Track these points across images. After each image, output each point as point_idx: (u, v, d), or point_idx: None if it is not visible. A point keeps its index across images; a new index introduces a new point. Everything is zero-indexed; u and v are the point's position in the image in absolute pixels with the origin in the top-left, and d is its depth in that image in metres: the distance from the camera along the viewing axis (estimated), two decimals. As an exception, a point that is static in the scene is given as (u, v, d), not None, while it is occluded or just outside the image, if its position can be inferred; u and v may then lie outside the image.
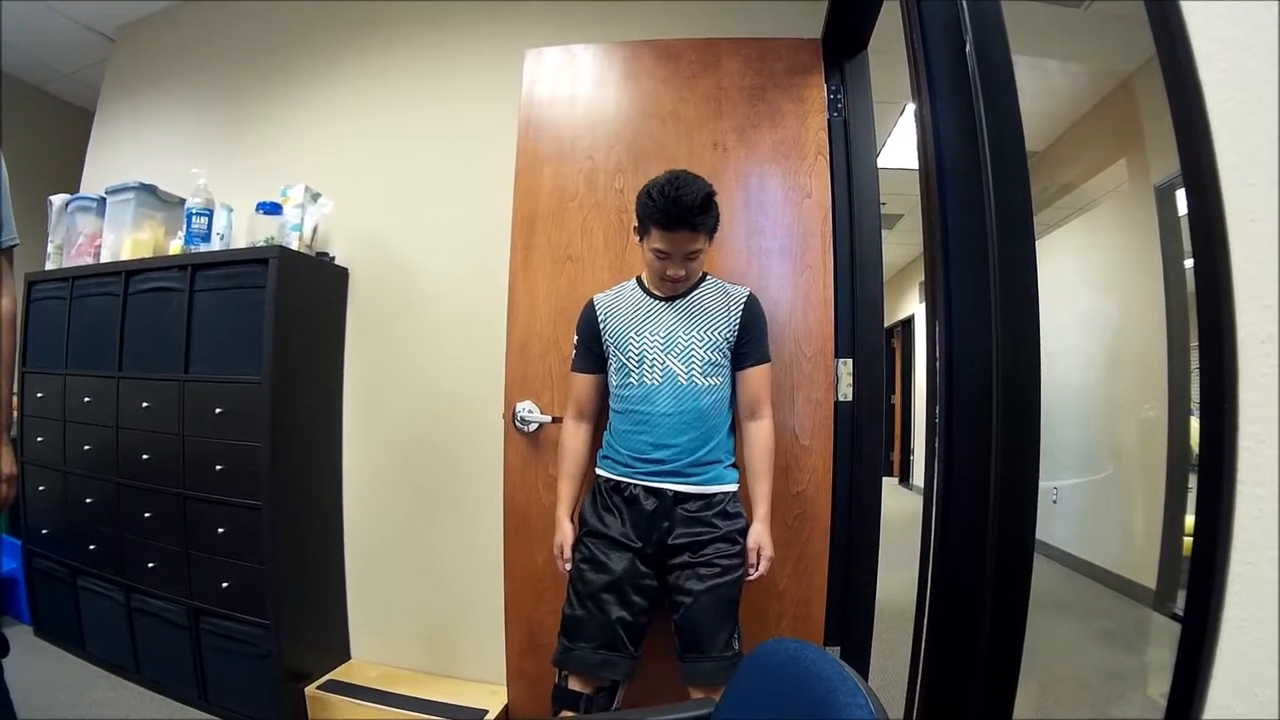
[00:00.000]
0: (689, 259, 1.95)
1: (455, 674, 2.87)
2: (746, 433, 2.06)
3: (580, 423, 2.16)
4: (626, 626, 1.93)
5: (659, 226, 1.90)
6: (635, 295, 2.11)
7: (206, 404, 2.75)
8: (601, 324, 2.10)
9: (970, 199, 1.23)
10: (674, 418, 1.97)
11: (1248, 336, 0.74)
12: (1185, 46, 0.81)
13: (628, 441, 2.02)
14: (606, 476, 2.05)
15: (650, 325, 2.04)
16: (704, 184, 1.90)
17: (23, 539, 3.44)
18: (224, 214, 2.97)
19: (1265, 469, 0.72)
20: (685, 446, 1.97)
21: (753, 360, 2.05)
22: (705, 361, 2.00)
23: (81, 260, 3.25)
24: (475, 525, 2.84)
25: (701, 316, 2.03)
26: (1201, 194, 0.79)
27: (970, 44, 1.25)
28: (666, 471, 1.96)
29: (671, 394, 1.98)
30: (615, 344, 2.07)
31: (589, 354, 2.13)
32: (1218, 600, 0.76)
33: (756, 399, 2.05)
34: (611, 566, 1.96)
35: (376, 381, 3.09)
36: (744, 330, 2.04)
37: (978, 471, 1.20)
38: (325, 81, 3.39)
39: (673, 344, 2.00)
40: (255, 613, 2.65)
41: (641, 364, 2.01)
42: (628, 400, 2.04)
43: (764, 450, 2.03)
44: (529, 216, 2.47)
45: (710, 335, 2.01)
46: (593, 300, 2.16)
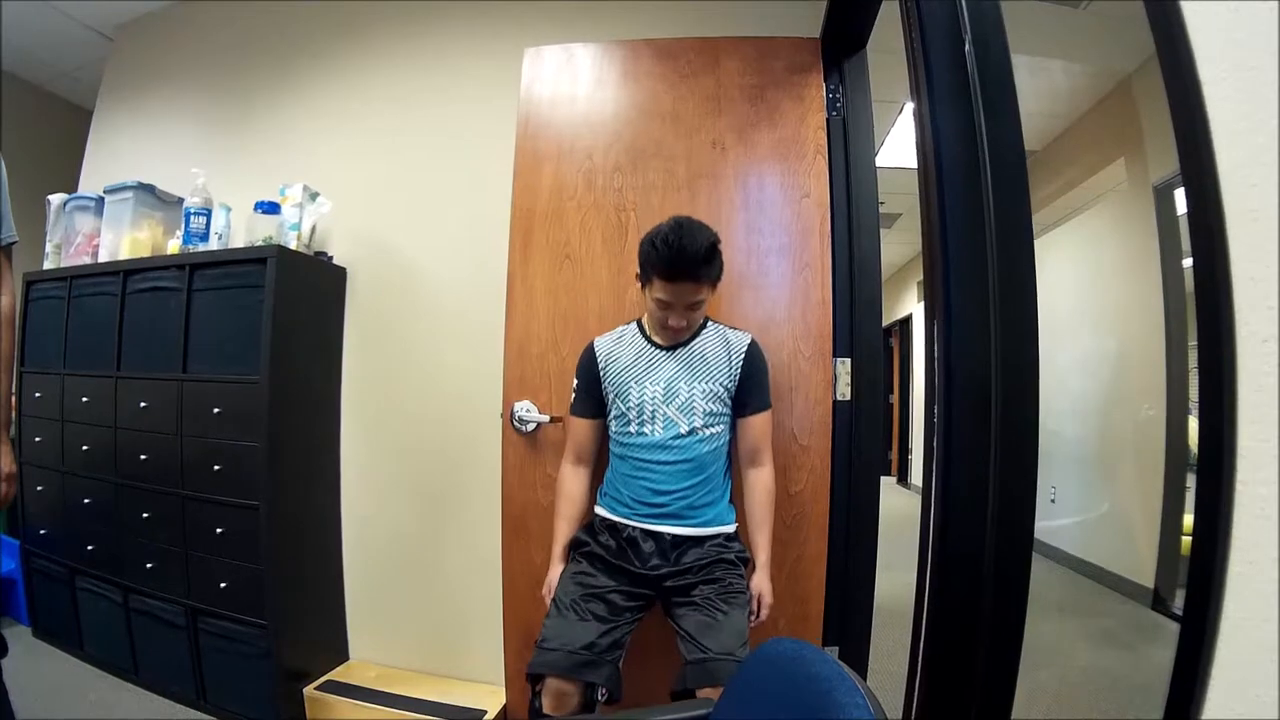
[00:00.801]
0: (691, 309, 1.94)
1: (454, 674, 2.86)
2: (747, 480, 2.05)
3: (579, 467, 2.14)
4: (608, 635, 1.86)
5: (661, 277, 1.87)
6: (636, 342, 2.09)
7: (205, 404, 2.74)
8: (602, 370, 2.09)
9: (969, 198, 1.23)
10: (674, 466, 1.97)
11: (1248, 335, 0.74)
12: (1185, 46, 0.81)
13: (628, 485, 2.01)
14: (605, 516, 2.04)
15: (651, 375, 2.03)
16: (708, 233, 1.88)
17: (21, 539, 3.44)
18: (222, 213, 2.97)
19: (1266, 468, 0.72)
20: (684, 492, 1.96)
21: (753, 408, 2.04)
22: (706, 412, 1.99)
23: (80, 260, 3.24)
24: (473, 525, 2.84)
25: (702, 367, 2.02)
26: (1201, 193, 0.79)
27: (969, 43, 1.25)
28: (665, 514, 1.96)
29: (672, 443, 1.97)
30: (616, 392, 2.06)
31: (589, 399, 2.12)
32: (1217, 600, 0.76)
33: (757, 447, 2.04)
34: (599, 580, 1.94)
35: (375, 381, 3.09)
36: (745, 379, 2.03)
37: (976, 471, 1.20)
38: (324, 80, 3.39)
39: (673, 394, 1.99)
40: (253, 613, 2.65)
41: (642, 413, 2.01)
42: (628, 447, 2.03)
43: (765, 498, 2.02)
44: (527, 215, 2.47)
45: (711, 386, 2.00)
46: (593, 344, 2.14)
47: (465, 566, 2.89)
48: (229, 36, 3.69)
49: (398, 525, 3.01)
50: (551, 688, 1.80)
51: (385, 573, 3.02)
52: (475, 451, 2.84)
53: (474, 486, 2.85)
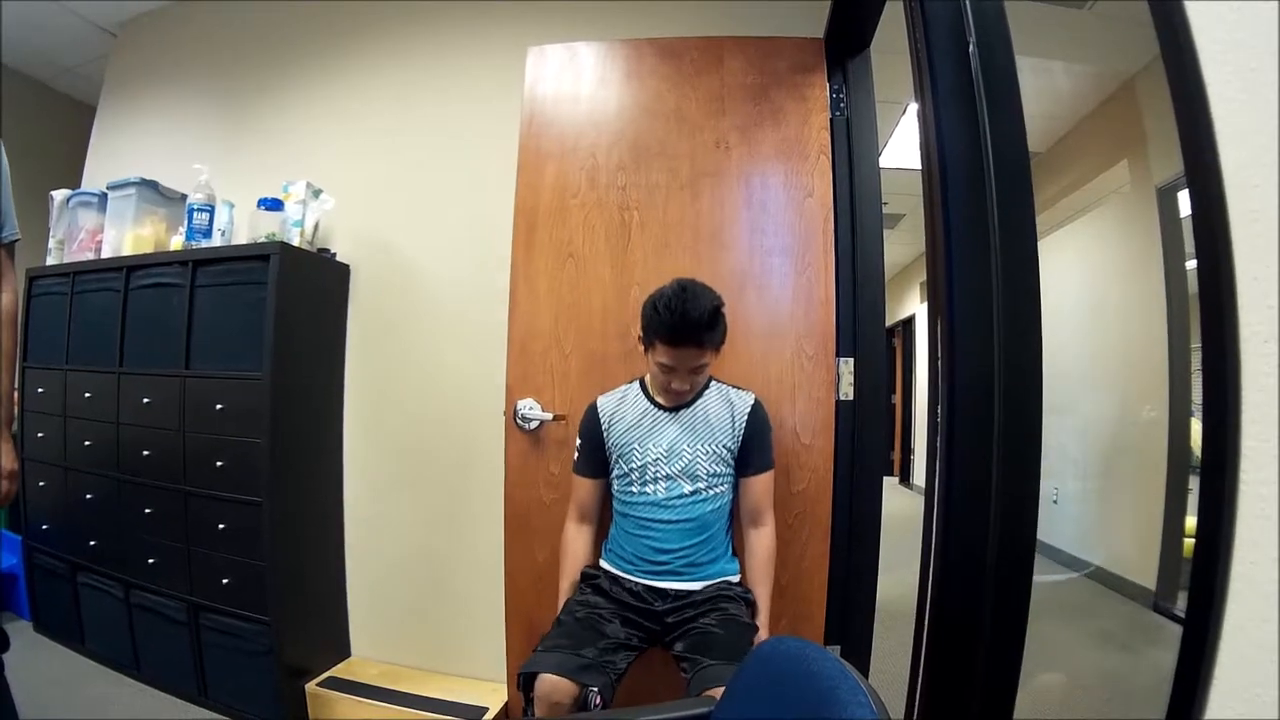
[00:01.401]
0: (694, 373, 1.94)
1: (455, 671, 2.87)
2: (748, 540, 2.05)
3: (582, 525, 2.15)
4: (609, 652, 1.83)
5: (664, 341, 1.88)
6: (639, 403, 2.10)
7: (207, 400, 2.74)
8: (605, 430, 2.10)
9: (972, 199, 1.23)
10: (676, 525, 1.98)
11: (1250, 336, 0.74)
12: (1189, 47, 0.81)
13: (631, 543, 2.02)
14: (607, 569, 2.05)
15: (654, 437, 2.04)
16: (712, 296, 1.88)
17: (23, 535, 3.44)
18: (225, 210, 2.97)
19: (1268, 468, 0.72)
20: (686, 551, 1.97)
21: (756, 469, 2.04)
22: (708, 473, 2.00)
23: (83, 256, 3.24)
24: (475, 522, 2.84)
25: (705, 429, 2.03)
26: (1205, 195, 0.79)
27: (973, 44, 1.25)
28: (668, 571, 1.97)
29: (674, 503, 1.99)
30: (619, 452, 2.07)
31: (592, 459, 2.13)
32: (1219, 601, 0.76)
33: (759, 507, 2.04)
34: (603, 604, 1.95)
35: (377, 378, 3.10)
36: (748, 440, 2.03)
37: (979, 471, 1.20)
38: (327, 78, 3.39)
39: (676, 456, 2.00)
40: (255, 609, 2.65)
41: (644, 474, 2.02)
42: (631, 506, 2.04)
43: (766, 557, 2.02)
44: (530, 214, 2.47)
45: (714, 448, 2.01)
46: (596, 404, 2.15)
47: (467, 563, 2.89)
48: (233, 33, 3.69)
49: (400, 522, 3.02)
50: (544, 695, 1.73)
51: (387, 569, 3.03)
52: (477, 449, 2.84)
53: (476, 483, 2.85)
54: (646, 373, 2.11)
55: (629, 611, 1.94)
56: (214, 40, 3.75)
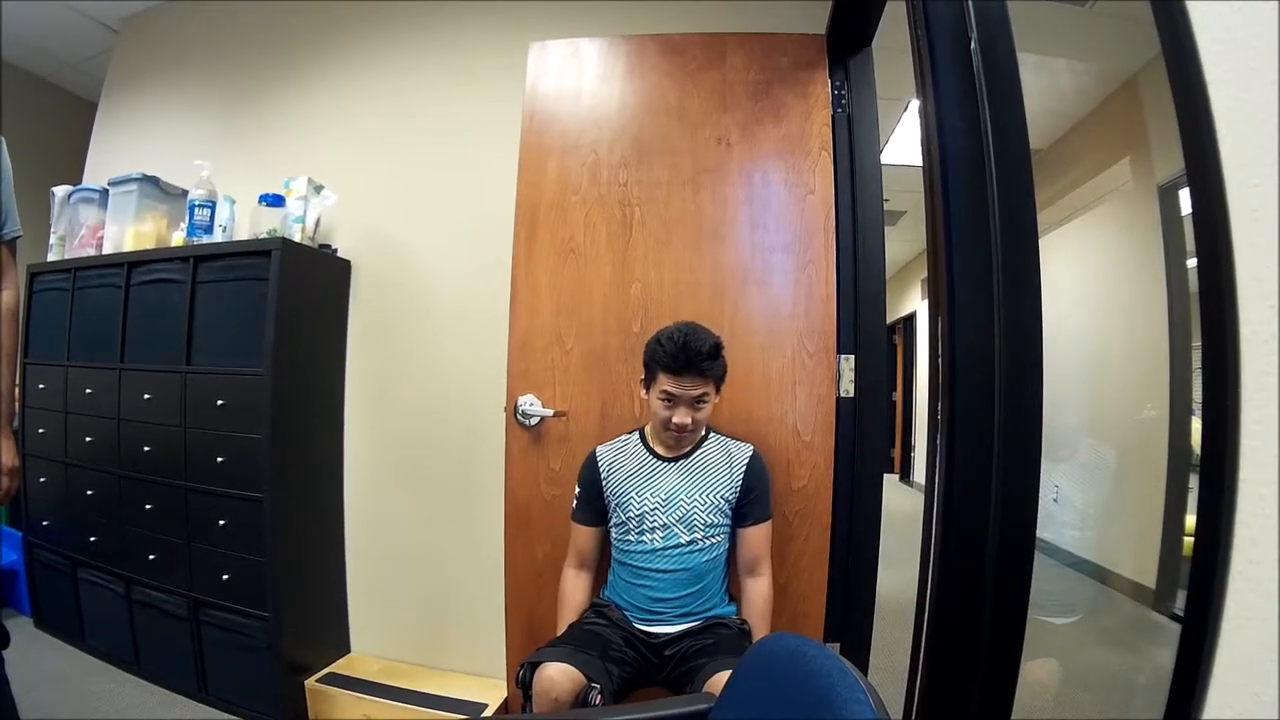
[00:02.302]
0: (695, 407, 1.96)
1: (455, 668, 2.88)
2: (745, 589, 2.06)
3: (581, 572, 2.16)
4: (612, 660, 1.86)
5: (667, 371, 1.92)
6: (638, 453, 2.12)
7: (208, 396, 2.75)
8: (604, 479, 2.11)
9: (974, 196, 1.23)
10: (672, 575, 1.99)
11: (1250, 335, 0.74)
12: (1190, 46, 0.81)
13: (629, 591, 2.04)
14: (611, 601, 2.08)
15: (652, 486, 2.05)
16: (713, 334, 1.96)
17: (23, 530, 3.45)
18: (227, 206, 2.97)
19: (1268, 467, 0.72)
20: (682, 601, 1.99)
21: (754, 519, 2.05)
22: (706, 523, 2.01)
23: (84, 252, 3.25)
24: (476, 518, 2.85)
25: (703, 479, 2.05)
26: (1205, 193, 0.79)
27: (975, 41, 1.25)
28: (663, 621, 1.98)
29: (671, 553, 2.00)
30: (617, 501, 2.08)
31: (591, 508, 2.14)
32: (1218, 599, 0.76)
33: (756, 558, 2.05)
34: (606, 627, 1.97)
35: (378, 374, 3.10)
36: (746, 491, 2.05)
37: (979, 469, 1.20)
38: (329, 73, 3.39)
39: (674, 506, 2.02)
40: (256, 605, 2.66)
41: (642, 524, 2.03)
42: (628, 554, 2.06)
43: (762, 607, 2.03)
44: (532, 210, 2.46)
45: (711, 498, 2.02)
46: (595, 453, 2.16)
47: (467, 560, 2.89)
48: (234, 29, 3.69)
49: (400, 518, 3.02)
50: (543, 689, 1.72)
51: (387, 566, 3.03)
52: (478, 445, 2.85)
53: (476, 480, 2.86)
54: (646, 424, 2.15)
55: (632, 638, 1.97)
56: (215, 36, 3.75)
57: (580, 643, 1.85)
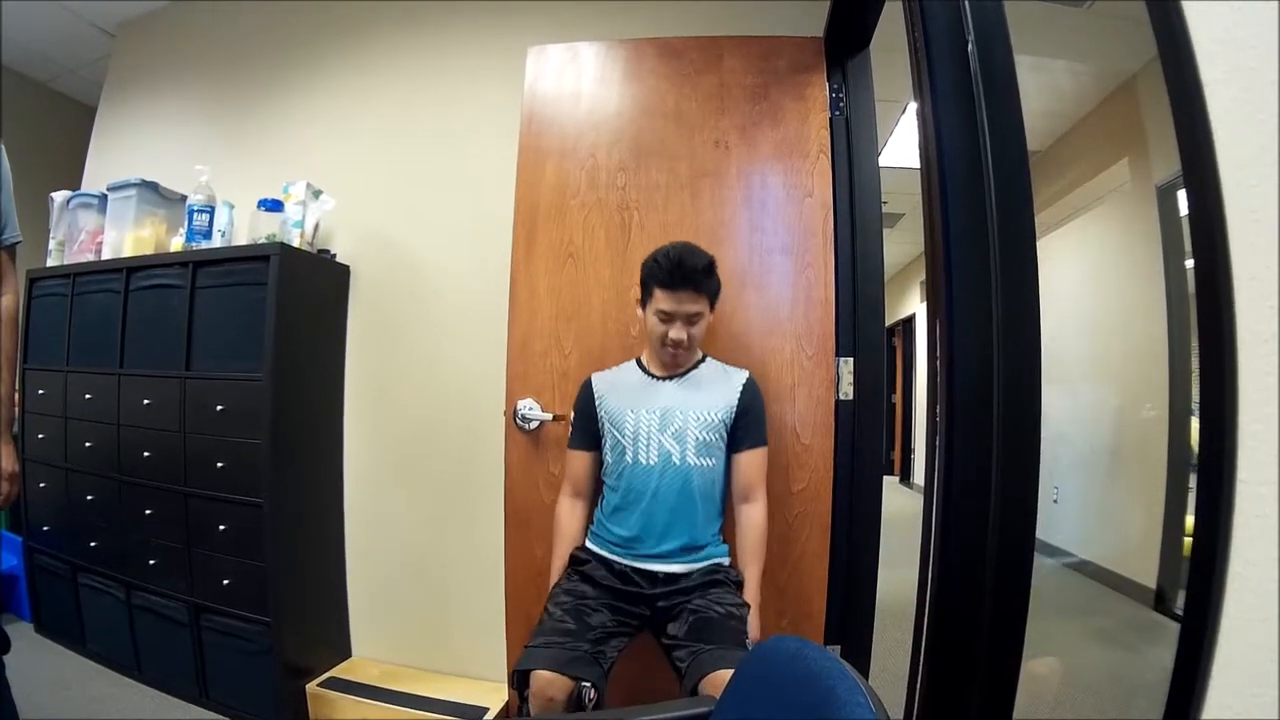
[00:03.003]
0: (691, 323, 1.96)
1: (456, 671, 2.87)
2: (739, 516, 2.04)
3: (576, 500, 2.15)
4: (599, 643, 1.84)
5: (663, 286, 1.93)
6: (634, 373, 2.13)
7: (208, 401, 2.75)
8: (598, 401, 2.11)
9: (972, 198, 1.23)
10: (667, 497, 1.97)
11: (1248, 336, 0.74)
12: (1186, 46, 0.81)
13: (619, 522, 2.01)
14: (596, 551, 2.04)
15: (647, 402, 2.04)
16: (707, 254, 1.97)
17: (24, 536, 3.45)
18: (225, 211, 2.97)
19: (1266, 468, 0.72)
20: (676, 532, 1.96)
21: (749, 444, 2.04)
22: (700, 441, 1.99)
23: (83, 257, 3.25)
24: (476, 522, 2.84)
25: (699, 395, 2.04)
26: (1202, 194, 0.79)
27: (972, 43, 1.25)
28: (656, 556, 1.95)
29: (665, 473, 1.98)
30: (611, 421, 2.07)
31: (585, 432, 2.13)
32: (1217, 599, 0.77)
33: (750, 483, 2.03)
34: (591, 592, 1.94)
35: (378, 378, 3.10)
36: (742, 413, 2.04)
37: (978, 470, 1.19)
38: (327, 78, 3.39)
39: (669, 421, 2.01)
40: (256, 610, 2.65)
41: (637, 441, 2.02)
42: (622, 477, 2.03)
43: (756, 535, 2.01)
44: (530, 214, 2.47)
45: (706, 415, 2.01)
46: (591, 380, 2.16)
47: (468, 564, 2.89)
48: (233, 34, 3.69)
49: (400, 522, 3.02)
50: (538, 691, 1.75)
51: (388, 570, 3.03)
52: (478, 449, 2.84)
53: (476, 484, 2.85)
54: (642, 353, 2.15)
55: (619, 600, 1.94)
56: (214, 41, 3.75)
57: (565, 634, 1.82)
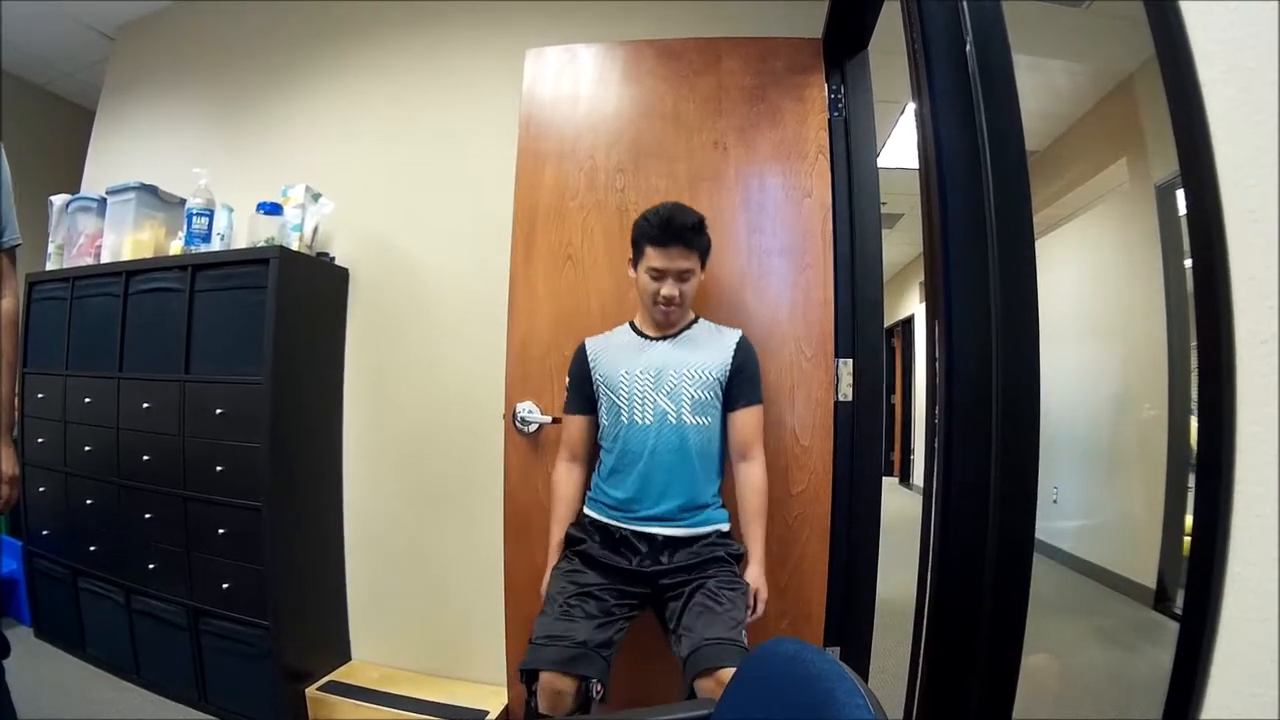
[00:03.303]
0: (682, 280, 1.97)
1: (456, 675, 2.87)
2: (738, 475, 2.04)
3: (573, 465, 2.14)
4: (603, 629, 1.85)
5: (653, 243, 1.94)
6: (627, 335, 2.13)
7: (207, 405, 2.75)
8: (592, 364, 2.11)
9: (970, 198, 1.23)
10: (664, 456, 1.96)
11: (1247, 336, 0.74)
12: (1184, 46, 0.81)
13: (617, 487, 2.00)
14: (594, 518, 2.04)
15: (641, 362, 2.04)
16: (697, 212, 1.98)
17: (23, 540, 3.44)
18: (224, 214, 2.97)
19: (1265, 468, 0.72)
20: (675, 491, 1.95)
21: (744, 401, 2.04)
22: (695, 400, 1.99)
23: (82, 260, 3.25)
24: (476, 526, 2.84)
25: (693, 353, 2.04)
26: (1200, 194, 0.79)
27: (970, 43, 1.25)
28: (655, 518, 1.95)
29: (661, 432, 1.97)
30: (606, 383, 2.06)
31: (580, 395, 2.13)
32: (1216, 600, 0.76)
33: (747, 441, 2.03)
34: (591, 578, 1.94)
35: (377, 382, 3.10)
36: (736, 371, 2.03)
37: (978, 471, 1.19)
38: (326, 81, 3.39)
39: (663, 380, 2.00)
40: (256, 614, 2.65)
41: (632, 401, 2.01)
42: (618, 439, 2.03)
43: (756, 493, 2.00)
44: (529, 216, 2.47)
45: (701, 373, 2.00)
46: (585, 344, 2.16)
47: (467, 567, 2.89)
48: (231, 36, 3.69)
49: (400, 526, 3.02)
50: (546, 685, 1.78)
51: (387, 573, 3.03)
52: (477, 452, 2.84)
53: (476, 487, 2.85)
54: (635, 316, 2.16)
55: (619, 581, 1.94)
56: (212, 43, 3.75)
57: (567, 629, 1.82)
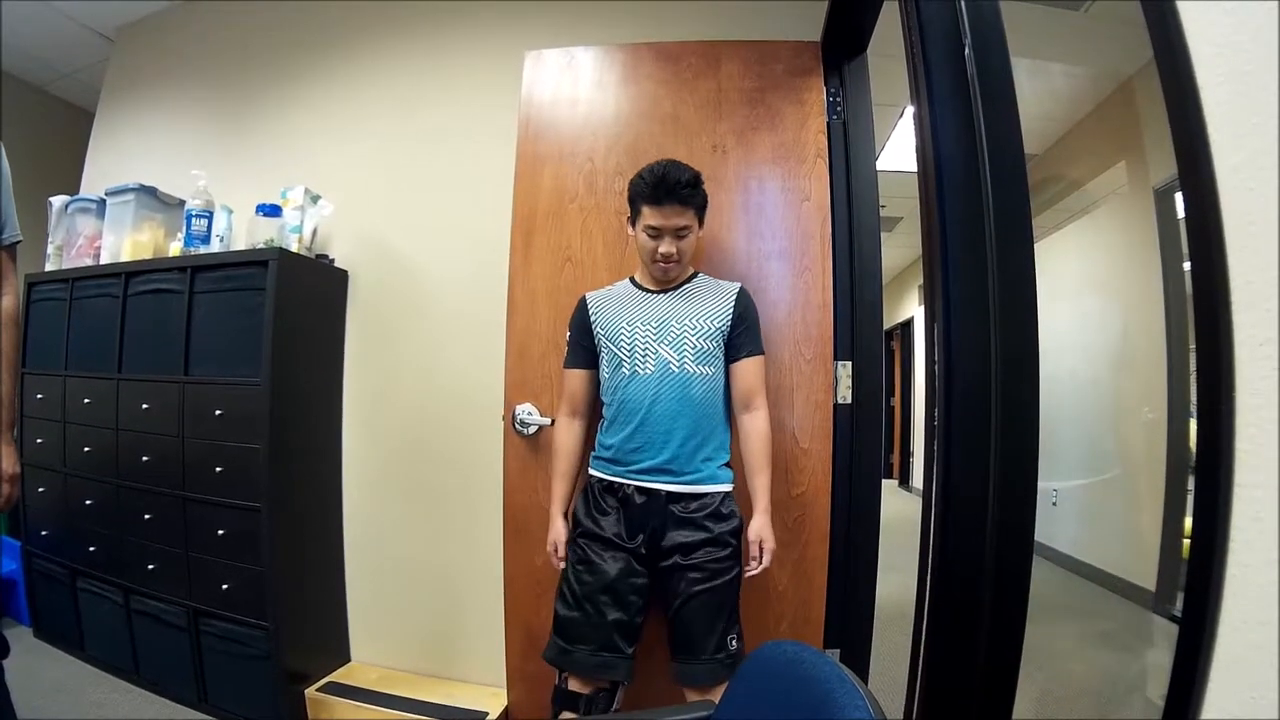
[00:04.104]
0: (679, 237, 1.97)
1: (455, 676, 2.87)
2: (741, 425, 2.04)
3: (573, 419, 2.15)
4: (622, 628, 1.91)
5: (649, 202, 1.95)
6: (628, 289, 2.13)
7: (206, 406, 2.75)
8: (593, 318, 2.11)
9: (969, 202, 1.23)
10: (666, 405, 1.96)
11: (1245, 339, 0.74)
12: (1183, 50, 0.82)
13: (618, 436, 2.01)
14: (599, 477, 2.04)
15: (642, 314, 2.05)
16: (692, 169, 1.98)
17: (22, 540, 3.44)
18: (224, 216, 2.97)
19: (1264, 471, 0.72)
20: (677, 440, 1.95)
21: (746, 351, 2.04)
22: (697, 349, 1.99)
23: (81, 261, 3.25)
24: (475, 527, 2.84)
25: (693, 304, 2.05)
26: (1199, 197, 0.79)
27: (969, 47, 1.25)
28: (658, 469, 1.95)
29: (664, 382, 1.97)
30: (607, 335, 2.06)
31: (581, 349, 2.13)
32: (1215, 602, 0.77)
33: (750, 390, 2.03)
34: (606, 569, 1.94)
35: (376, 383, 3.10)
36: (737, 321, 2.04)
37: (977, 474, 1.20)
38: (325, 83, 3.39)
39: (665, 331, 2.01)
40: (255, 614, 2.65)
41: (633, 352, 2.01)
42: (619, 390, 2.03)
43: (760, 442, 2.01)
44: (528, 218, 2.47)
45: (702, 323, 2.01)
46: (585, 297, 2.17)
47: (466, 568, 2.89)
48: (231, 38, 3.69)
49: (399, 527, 3.01)
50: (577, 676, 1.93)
51: (387, 575, 3.02)
52: (476, 453, 2.84)
53: (475, 488, 2.85)
54: (635, 271, 2.17)
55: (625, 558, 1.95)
56: (212, 45, 3.75)
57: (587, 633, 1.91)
